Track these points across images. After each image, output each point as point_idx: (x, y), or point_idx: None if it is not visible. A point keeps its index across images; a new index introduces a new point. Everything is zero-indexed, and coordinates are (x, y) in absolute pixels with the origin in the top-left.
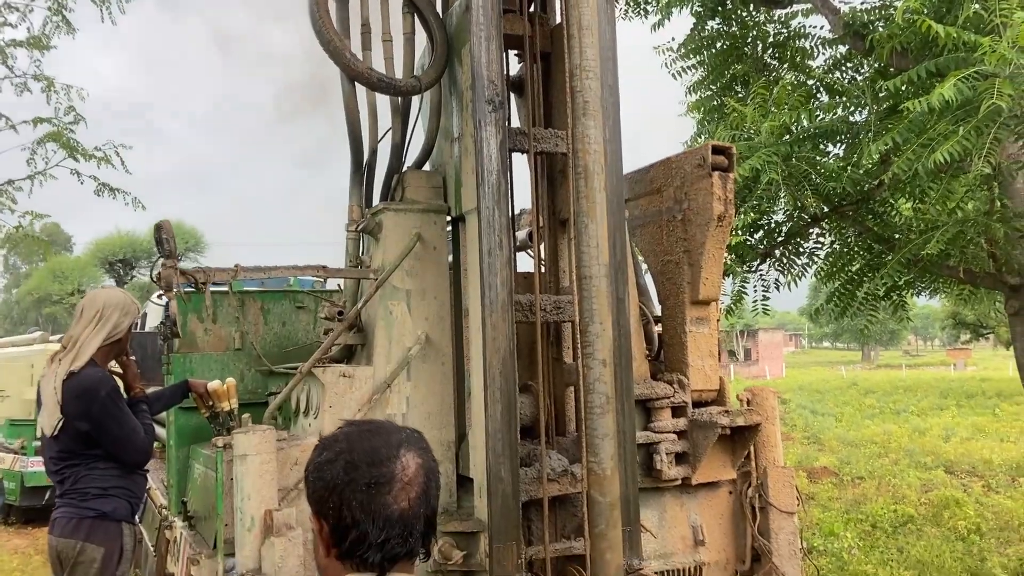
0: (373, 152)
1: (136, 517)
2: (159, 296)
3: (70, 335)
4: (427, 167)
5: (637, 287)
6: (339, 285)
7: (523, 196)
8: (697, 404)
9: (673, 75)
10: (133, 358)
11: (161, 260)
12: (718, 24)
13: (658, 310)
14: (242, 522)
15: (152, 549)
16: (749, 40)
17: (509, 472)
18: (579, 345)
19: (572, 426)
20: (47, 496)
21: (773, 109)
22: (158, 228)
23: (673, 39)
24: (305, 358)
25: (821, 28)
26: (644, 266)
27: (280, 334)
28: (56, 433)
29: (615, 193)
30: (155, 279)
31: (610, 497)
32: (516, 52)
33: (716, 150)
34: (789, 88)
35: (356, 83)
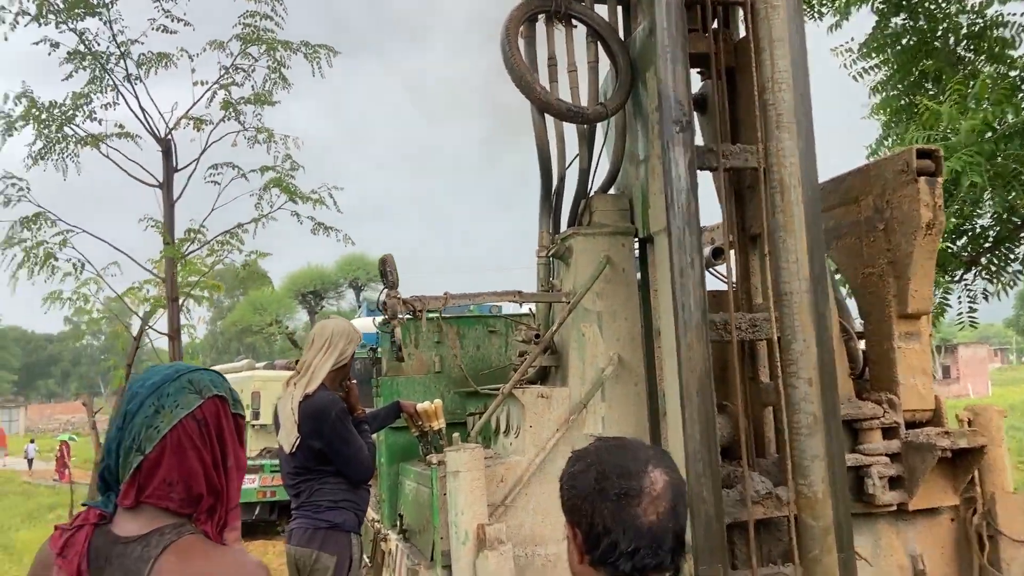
0: (561, 179)
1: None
2: (383, 322)
3: (303, 361)
4: (613, 190)
5: (836, 302)
6: (530, 309)
7: (704, 213)
8: (910, 425)
9: (854, 77)
10: (354, 381)
11: (385, 291)
12: (903, 20)
13: (859, 325)
14: (456, 536)
15: (368, 561)
16: (939, 33)
17: (711, 493)
18: (780, 364)
19: (772, 447)
20: (256, 512)
21: (972, 105)
22: (383, 262)
23: (852, 39)
24: (498, 380)
25: (1022, 15)
26: (838, 278)
27: (475, 357)
28: (293, 450)
29: (812, 205)
30: (380, 307)
31: (823, 521)
32: (699, 70)
33: (921, 154)
34: (990, 82)
35: (545, 114)
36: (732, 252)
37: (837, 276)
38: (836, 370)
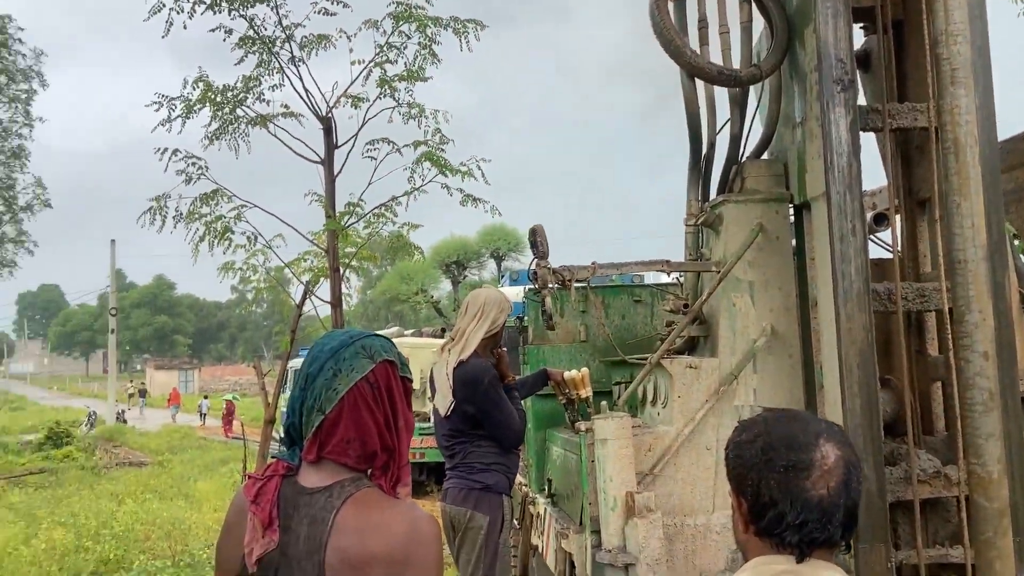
0: (711, 145)
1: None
2: (532, 292)
3: (457, 328)
4: (766, 155)
5: (1016, 270)
6: (677, 279)
7: (865, 177)
8: None
9: None
10: (504, 349)
11: (535, 261)
12: None
13: None
14: (605, 502)
15: (516, 523)
16: None
17: (872, 470)
18: (951, 336)
19: (940, 424)
20: None
21: None
22: (533, 232)
23: None
24: (643, 350)
25: None
26: (1016, 244)
27: (620, 326)
28: (448, 414)
29: (990, 167)
30: (531, 277)
31: (998, 503)
32: (861, 25)
33: None
34: None
35: (696, 79)
36: (898, 217)
37: (1016, 242)
38: (1015, 344)
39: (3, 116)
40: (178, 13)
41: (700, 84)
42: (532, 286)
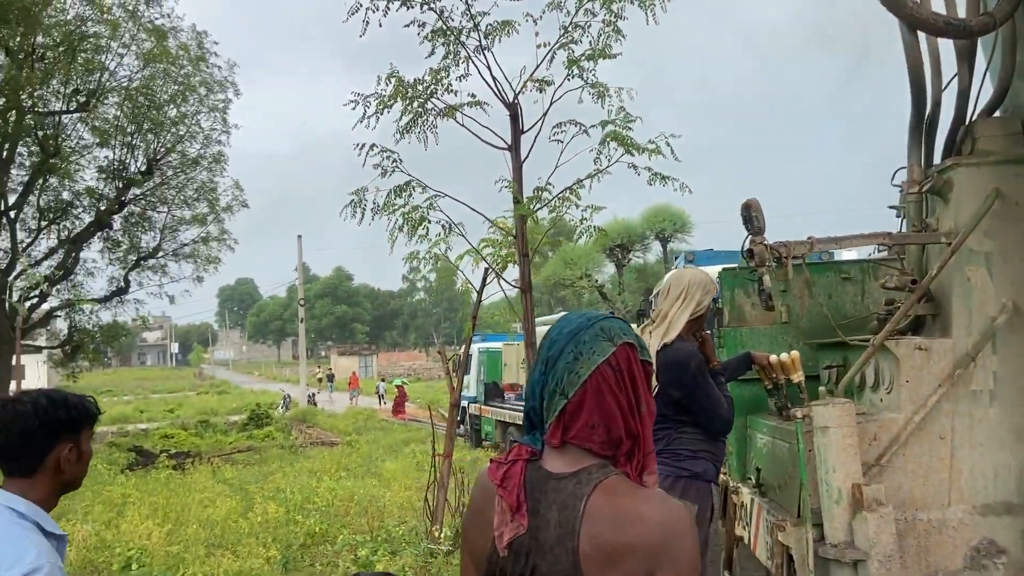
0: (936, 104)
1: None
2: (748, 270)
3: (659, 310)
4: (999, 113)
5: None
6: (898, 253)
7: None
8: None
9: None
10: (708, 332)
11: (750, 237)
12: None
13: None
14: (828, 494)
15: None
16: None
17: None
18: None
19: None
20: None
21: None
22: (746, 207)
23: None
24: (854, 331)
25: None
26: None
27: (827, 306)
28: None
29: None
30: (745, 255)
31: None
32: None
33: None
34: None
35: (917, 32)
36: None
37: None
38: None
39: (205, 125)
40: (374, 12)
41: (922, 37)
42: (745, 264)
